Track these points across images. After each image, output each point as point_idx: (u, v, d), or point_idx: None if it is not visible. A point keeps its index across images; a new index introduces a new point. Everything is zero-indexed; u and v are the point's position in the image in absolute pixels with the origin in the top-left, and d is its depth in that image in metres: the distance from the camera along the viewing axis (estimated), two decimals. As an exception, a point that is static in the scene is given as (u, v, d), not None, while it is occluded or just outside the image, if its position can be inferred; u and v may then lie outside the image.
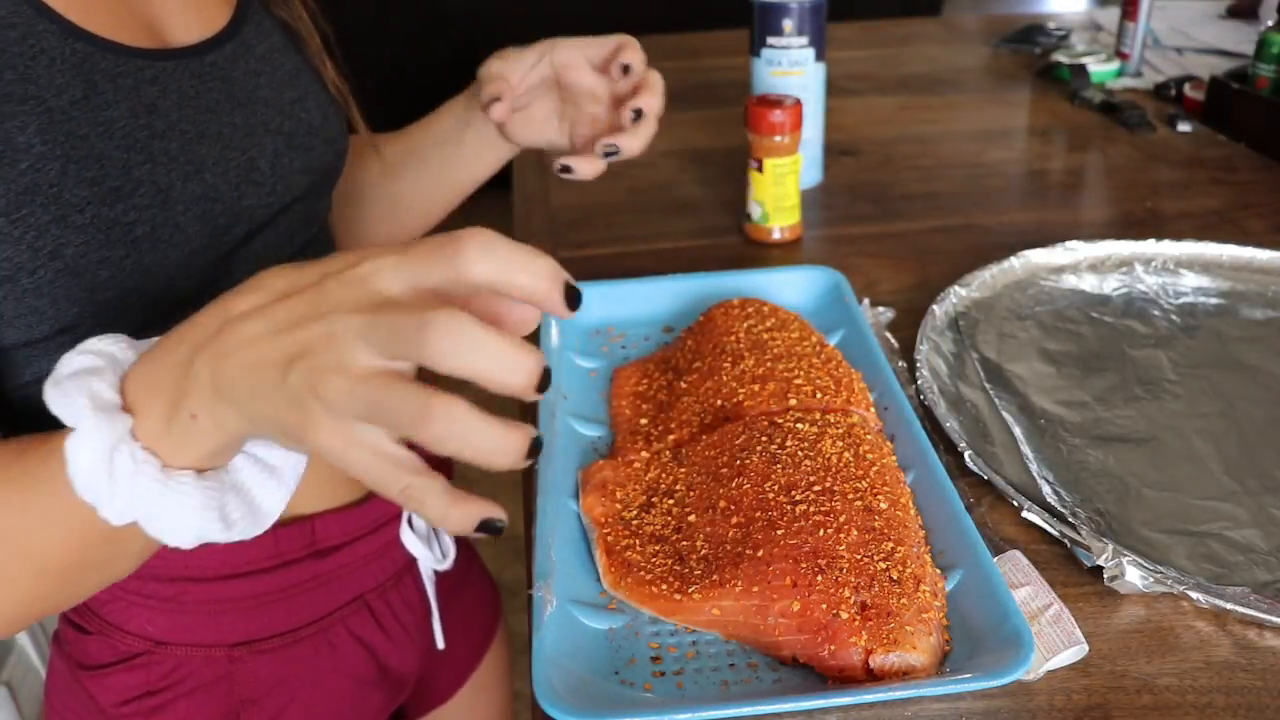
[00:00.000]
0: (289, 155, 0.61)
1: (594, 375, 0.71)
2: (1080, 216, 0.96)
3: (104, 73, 0.51)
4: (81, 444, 0.37)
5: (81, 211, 0.48)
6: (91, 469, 0.37)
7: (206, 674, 0.64)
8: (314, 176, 0.64)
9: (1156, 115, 1.16)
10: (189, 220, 0.53)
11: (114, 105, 0.51)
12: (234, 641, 0.64)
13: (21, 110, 0.47)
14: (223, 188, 0.55)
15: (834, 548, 0.50)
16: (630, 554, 0.54)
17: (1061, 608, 0.50)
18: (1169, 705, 0.47)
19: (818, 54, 0.95)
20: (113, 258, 0.49)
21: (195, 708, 0.64)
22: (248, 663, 0.65)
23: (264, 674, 0.66)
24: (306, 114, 0.64)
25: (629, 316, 0.76)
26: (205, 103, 0.56)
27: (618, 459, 0.61)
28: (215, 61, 0.58)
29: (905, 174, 1.05)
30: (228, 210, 0.55)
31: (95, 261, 0.49)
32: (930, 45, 1.48)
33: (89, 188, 0.48)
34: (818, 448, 0.56)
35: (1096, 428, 0.65)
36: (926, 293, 0.78)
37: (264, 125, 0.60)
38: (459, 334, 0.33)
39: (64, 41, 0.50)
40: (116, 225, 0.49)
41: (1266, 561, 0.55)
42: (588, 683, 0.47)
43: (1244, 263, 0.82)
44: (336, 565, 0.67)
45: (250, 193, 0.58)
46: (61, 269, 0.48)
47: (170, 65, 0.55)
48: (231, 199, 0.56)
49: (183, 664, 0.64)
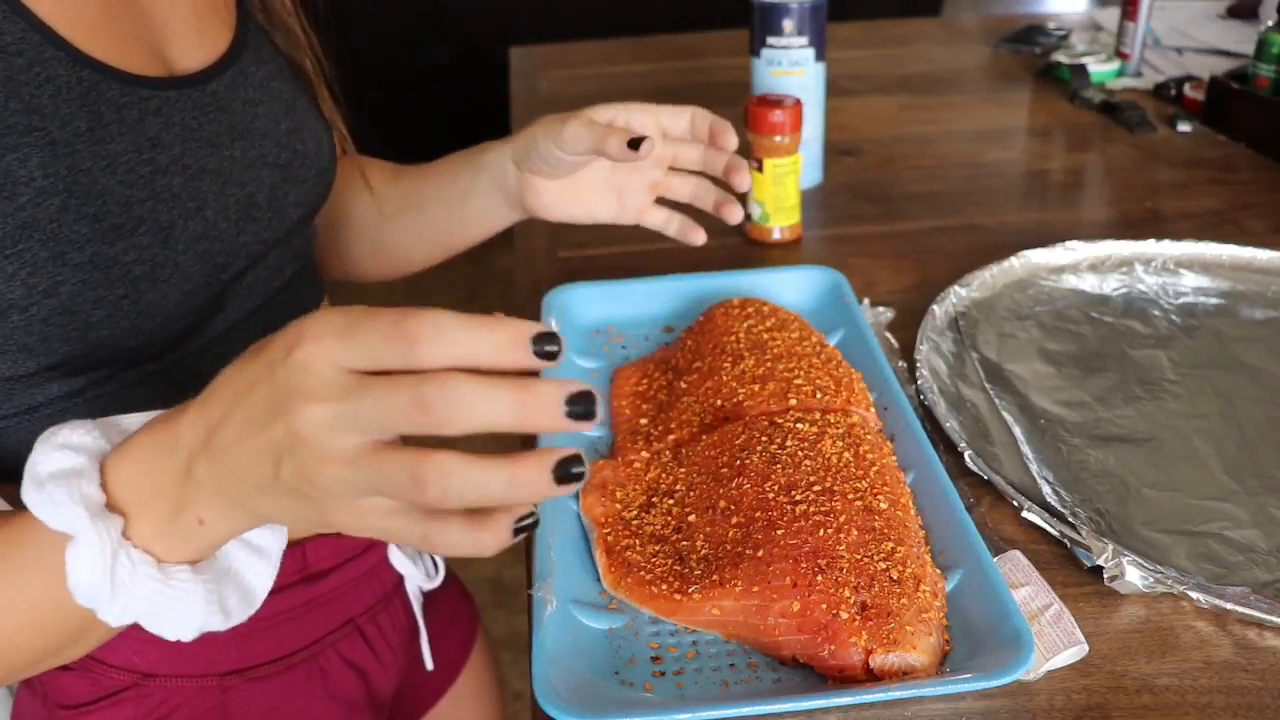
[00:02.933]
0: (284, 188, 0.60)
1: (594, 375, 0.71)
2: (1080, 216, 0.96)
3: (110, 103, 0.49)
4: (81, 554, 0.37)
5: (80, 249, 0.46)
6: (92, 577, 0.37)
7: (198, 704, 0.62)
8: (306, 209, 0.63)
9: (1156, 115, 1.16)
10: (188, 259, 0.51)
11: (118, 138, 0.49)
12: (226, 670, 0.63)
13: (25, 142, 0.45)
14: (222, 224, 0.54)
15: (834, 548, 0.50)
16: (630, 554, 0.54)
17: (1061, 608, 0.50)
18: (1169, 705, 0.47)
19: (818, 54, 0.95)
20: (110, 297, 0.47)
21: None
22: (240, 691, 0.63)
23: (255, 703, 0.64)
24: (302, 145, 0.62)
25: (629, 316, 0.76)
26: (206, 135, 0.55)
27: (618, 459, 0.61)
28: (216, 90, 0.56)
29: (905, 174, 1.05)
30: (226, 249, 0.54)
31: (91, 300, 0.47)
32: (930, 45, 1.48)
33: (89, 224, 0.46)
34: (818, 448, 0.56)
35: (1096, 428, 0.65)
36: (926, 293, 0.78)
37: (262, 158, 0.58)
38: (455, 398, 0.32)
39: (71, 70, 0.48)
40: (116, 264, 0.47)
41: (1266, 561, 0.55)
42: (588, 683, 0.47)
43: (1244, 263, 0.82)
44: (328, 589, 0.67)
45: (248, 229, 0.56)
46: (56, 307, 0.46)
47: (174, 95, 0.53)
48: (230, 236, 0.54)
49: (172, 695, 0.62)
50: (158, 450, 0.38)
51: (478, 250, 0.80)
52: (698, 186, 0.71)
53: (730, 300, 0.71)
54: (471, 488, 0.32)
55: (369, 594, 0.71)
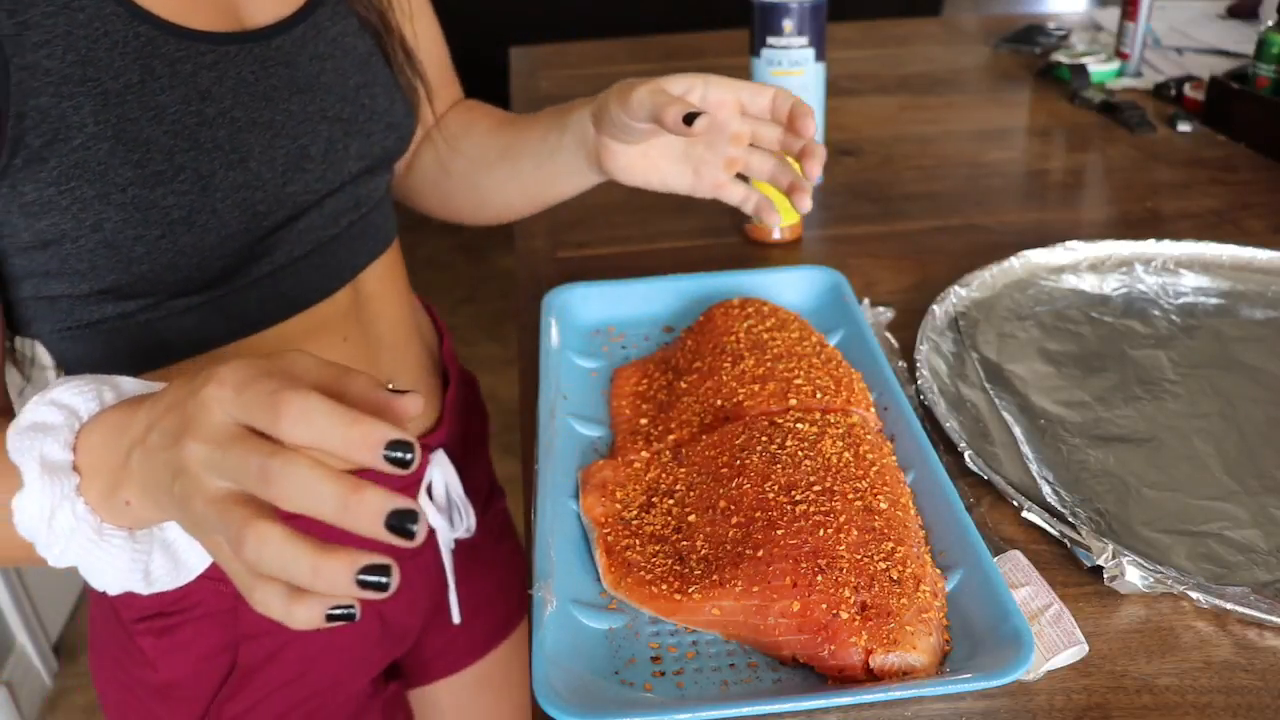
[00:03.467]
0: (344, 142, 0.62)
1: (594, 375, 0.71)
2: (1080, 216, 0.96)
3: (164, 58, 0.53)
4: (27, 501, 0.41)
5: (123, 191, 0.51)
6: (33, 523, 0.42)
7: (213, 604, 0.67)
8: (369, 161, 0.64)
9: (1156, 115, 1.16)
10: (227, 207, 0.55)
11: (168, 91, 0.53)
12: None
13: (79, 91, 0.50)
14: (266, 175, 0.57)
15: (834, 548, 0.50)
16: (630, 554, 0.54)
17: (1061, 608, 0.50)
18: (1169, 705, 0.47)
19: (818, 54, 0.95)
20: (148, 236, 0.52)
21: (199, 633, 0.67)
22: None
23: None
24: (371, 99, 0.64)
25: (629, 316, 0.76)
26: (262, 89, 0.57)
27: (618, 459, 0.61)
28: (282, 45, 0.59)
29: (905, 174, 1.05)
30: (269, 197, 0.57)
31: (131, 238, 0.52)
32: (930, 45, 1.48)
33: (133, 170, 0.51)
34: (818, 448, 0.56)
35: (1096, 428, 0.65)
36: (926, 293, 0.78)
37: (321, 112, 0.60)
38: (292, 479, 0.34)
39: (129, 25, 0.51)
40: (155, 207, 0.52)
41: (1266, 561, 0.55)
42: (588, 683, 0.47)
43: (1244, 263, 0.82)
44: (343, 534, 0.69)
45: (296, 179, 0.59)
46: (101, 240, 0.52)
47: (234, 49, 0.56)
48: (275, 186, 0.57)
49: (193, 592, 0.66)
50: (116, 430, 0.42)
51: (478, 250, 0.79)
52: (776, 167, 0.68)
53: (730, 300, 0.71)
54: (279, 564, 0.34)
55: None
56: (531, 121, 0.76)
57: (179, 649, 0.67)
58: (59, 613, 1.79)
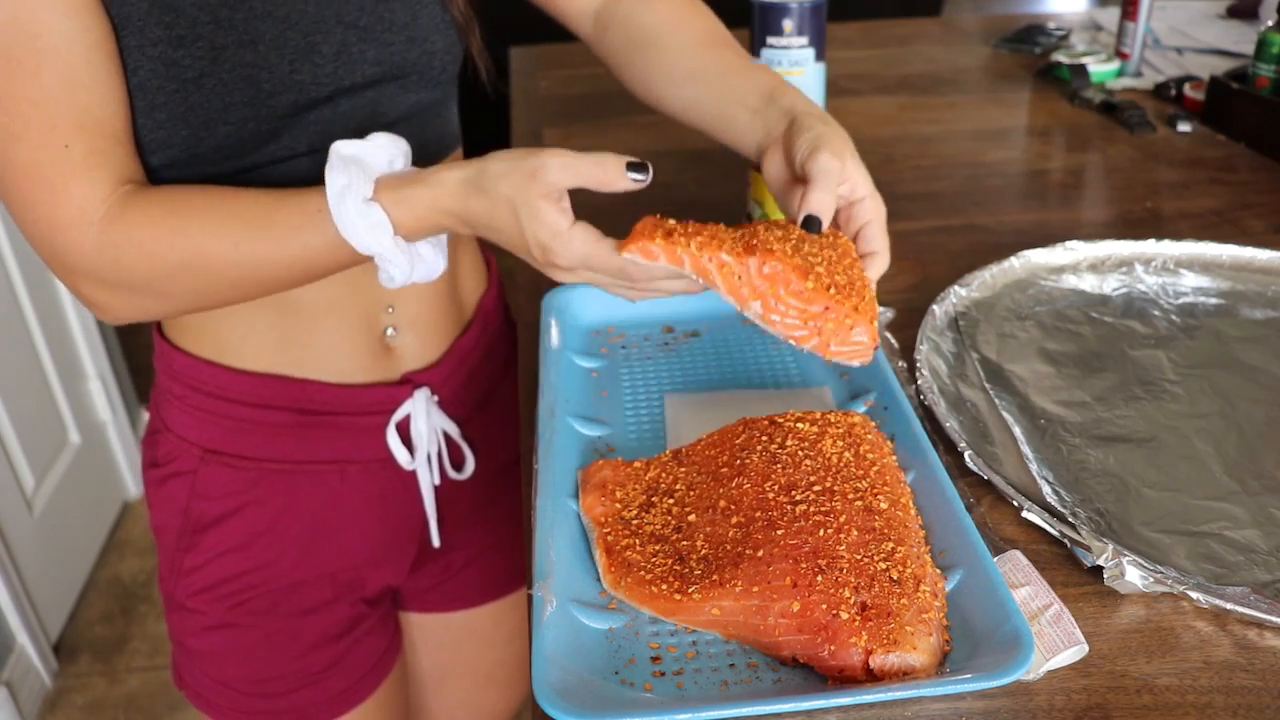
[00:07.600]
0: (360, 46, 0.67)
1: (594, 375, 0.71)
2: (1080, 216, 0.96)
3: None
4: (347, 199, 0.58)
5: (155, 45, 0.60)
6: (351, 218, 0.58)
7: (184, 464, 0.76)
8: (387, 68, 0.68)
9: (1156, 115, 1.16)
10: (234, 78, 0.62)
11: None
12: (262, 457, 0.75)
13: None
14: (274, 59, 0.64)
15: (834, 548, 0.50)
16: (630, 554, 0.54)
17: (1061, 608, 0.50)
18: (1169, 705, 0.47)
19: (818, 54, 0.95)
20: (167, 88, 0.61)
21: (176, 489, 0.76)
22: (268, 480, 0.76)
23: (280, 484, 0.76)
24: (390, 13, 0.68)
25: (629, 316, 0.76)
26: None
27: (618, 459, 0.61)
28: None
29: (905, 174, 1.05)
30: (274, 79, 0.64)
31: (155, 88, 0.61)
32: (930, 45, 1.48)
33: (163, 29, 0.60)
34: (818, 448, 0.56)
35: (1096, 428, 0.65)
36: (926, 293, 0.78)
37: (337, 16, 0.66)
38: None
39: None
40: (174, 65, 0.61)
41: (1266, 561, 0.55)
42: (588, 683, 0.47)
43: (1244, 263, 0.82)
44: (348, 423, 0.76)
45: (304, 69, 0.65)
46: (136, 85, 0.61)
47: None
48: (282, 71, 0.64)
49: (175, 450, 0.76)
50: (437, 206, 0.59)
51: (477, 250, 0.79)
52: None
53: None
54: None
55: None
56: (749, 69, 0.72)
57: (167, 499, 0.77)
58: (59, 613, 1.79)
